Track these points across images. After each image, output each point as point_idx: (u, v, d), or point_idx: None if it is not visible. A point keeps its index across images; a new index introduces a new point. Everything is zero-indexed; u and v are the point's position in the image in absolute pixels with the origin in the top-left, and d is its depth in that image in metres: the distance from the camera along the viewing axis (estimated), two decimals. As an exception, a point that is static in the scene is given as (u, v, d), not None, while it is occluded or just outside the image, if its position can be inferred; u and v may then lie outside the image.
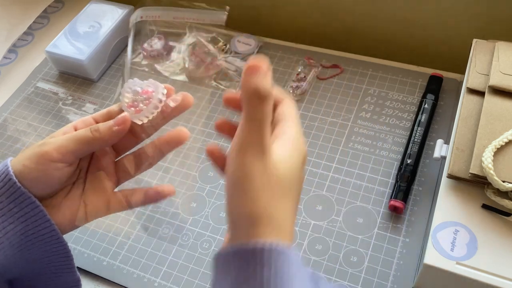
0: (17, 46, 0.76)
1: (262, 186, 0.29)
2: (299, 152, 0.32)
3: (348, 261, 0.48)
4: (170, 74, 0.68)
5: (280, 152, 0.31)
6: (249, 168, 0.29)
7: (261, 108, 0.29)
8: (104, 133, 0.36)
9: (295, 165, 0.31)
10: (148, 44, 0.70)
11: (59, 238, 0.37)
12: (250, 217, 0.29)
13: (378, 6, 0.66)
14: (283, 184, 0.30)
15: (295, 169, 0.31)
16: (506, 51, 0.50)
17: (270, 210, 0.29)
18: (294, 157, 0.31)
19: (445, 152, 0.48)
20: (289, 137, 0.32)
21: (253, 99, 0.29)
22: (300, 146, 0.32)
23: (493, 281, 0.38)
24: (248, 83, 0.30)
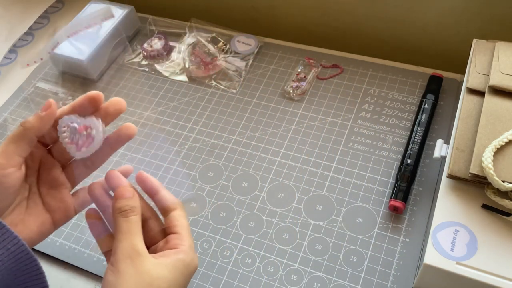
0: (17, 46, 0.76)
1: (134, 286, 0.34)
2: (187, 263, 0.37)
3: (348, 261, 0.48)
4: (170, 74, 0.68)
5: (165, 259, 0.36)
6: (121, 273, 0.34)
7: (125, 223, 0.36)
8: (33, 121, 0.37)
9: (178, 273, 0.36)
10: (148, 44, 0.70)
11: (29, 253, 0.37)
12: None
13: (378, 6, 0.66)
14: (159, 283, 0.34)
15: (178, 276, 0.36)
16: (506, 51, 0.50)
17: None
18: (179, 268, 0.36)
19: (445, 152, 0.48)
20: (179, 250, 0.37)
21: (118, 216, 0.36)
22: (189, 258, 0.37)
23: (493, 281, 0.38)
24: (115, 204, 0.37)
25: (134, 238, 0.35)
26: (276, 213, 0.52)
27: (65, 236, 0.53)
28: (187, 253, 0.37)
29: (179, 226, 0.38)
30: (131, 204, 0.37)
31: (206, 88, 0.66)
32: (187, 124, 0.62)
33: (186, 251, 0.37)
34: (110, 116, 0.41)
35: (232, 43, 0.69)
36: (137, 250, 0.35)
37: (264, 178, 0.55)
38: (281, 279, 0.48)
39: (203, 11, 0.79)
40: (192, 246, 0.38)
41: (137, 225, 0.36)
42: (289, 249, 0.49)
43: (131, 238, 0.35)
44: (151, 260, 0.35)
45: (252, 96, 0.64)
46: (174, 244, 0.37)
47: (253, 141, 0.59)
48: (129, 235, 0.35)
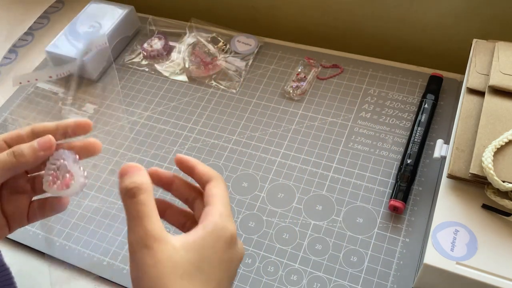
0: (17, 46, 0.76)
1: (156, 278, 0.29)
2: (217, 234, 0.32)
3: (348, 261, 0.48)
4: (170, 74, 0.68)
5: (188, 237, 0.31)
6: (140, 265, 0.30)
7: (134, 205, 0.31)
8: (28, 156, 0.35)
9: (207, 249, 0.31)
10: (148, 44, 0.70)
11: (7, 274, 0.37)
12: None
13: (378, 6, 0.66)
14: (186, 267, 0.30)
15: (207, 251, 0.31)
16: (506, 51, 0.50)
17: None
18: (207, 242, 0.32)
19: (445, 152, 0.48)
20: (207, 223, 0.33)
21: (125, 198, 0.32)
22: (218, 228, 0.32)
23: (493, 281, 0.38)
24: (120, 185, 0.32)
25: (148, 222, 0.31)
26: (276, 213, 0.52)
27: (65, 236, 0.53)
28: (215, 223, 0.32)
29: (211, 196, 0.34)
30: (137, 181, 0.32)
31: (206, 88, 0.66)
32: (187, 124, 0.62)
33: (215, 221, 0.32)
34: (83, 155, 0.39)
35: (232, 43, 0.69)
36: (153, 236, 0.30)
37: (264, 178, 0.55)
38: (281, 279, 0.48)
39: (203, 11, 0.79)
40: (224, 214, 0.33)
41: (149, 206, 0.31)
42: (289, 249, 0.49)
43: (143, 223, 0.31)
44: (172, 243, 0.31)
45: (252, 96, 0.64)
46: (204, 217, 0.33)
47: (253, 141, 0.59)
48: (141, 219, 0.31)
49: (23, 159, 0.34)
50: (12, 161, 0.34)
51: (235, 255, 0.34)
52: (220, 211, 0.33)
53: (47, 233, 0.53)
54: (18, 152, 0.34)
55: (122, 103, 0.65)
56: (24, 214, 0.40)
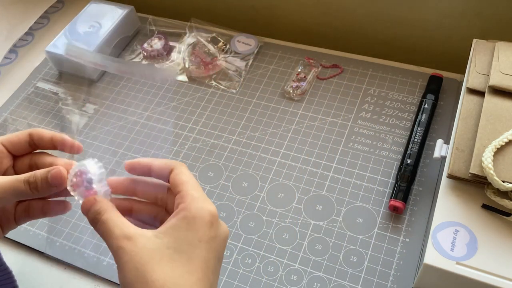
0: (17, 46, 0.76)
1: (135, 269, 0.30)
2: (192, 216, 0.33)
3: (348, 261, 0.48)
4: (170, 74, 0.68)
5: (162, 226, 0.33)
6: (120, 265, 0.31)
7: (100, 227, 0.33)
8: (42, 190, 0.36)
9: (182, 231, 0.32)
10: (148, 44, 0.70)
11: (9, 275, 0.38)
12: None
13: (378, 6, 0.66)
14: (162, 251, 0.31)
15: (183, 233, 0.32)
16: (506, 51, 0.50)
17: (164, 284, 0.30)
18: (181, 225, 0.32)
19: (445, 152, 0.48)
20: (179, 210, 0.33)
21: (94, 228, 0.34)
22: (192, 211, 0.33)
23: (493, 281, 0.38)
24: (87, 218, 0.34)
25: (115, 229, 0.32)
26: (276, 213, 0.52)
27: (65, 236, 0.53)
28: (188, 208, 0.33)
29: (178, 185, 0.35)
30: (95, 210, 0.34)
31: (206, 88, 0.66)
32: (187, 124, 0.62)
33: (187, 206, 0.33)
34: None
35: (232, 43, 0.69)
36: (124, 237, 0.32)
37: (264, 178, 0.55)
38: (281, 279, 0.48)
39: (203, 11, 0.79)
40: (196, 196, 0.34)
41: (112, 220, 0.33)
42: (289, 249, 0.49)
43: (112, 232, 0.32)
44: (146, 235, 0.32)
45: (252, 96, 0.64)
46: (176, 205, 0.34)
47: (253, 141, 0.59)
48: (109, 230, 0.33)
49: (36, 192, 0.35)
50: (26, 191, 0.35)
51: (219, 233, 0.34)
52: (191, 195, 0.34)
53: (47, 233, 0.53)
54: (33, 185, 0.35)
55: (122, 103, 0.66)
56: (11, 218, 0.40)
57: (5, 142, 0.40)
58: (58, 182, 0.35)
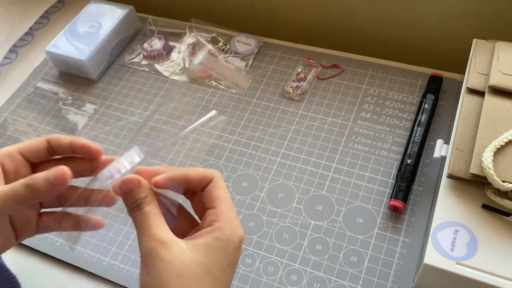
0: (17, 46, 0.76)
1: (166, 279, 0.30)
2: (225, 239, 0.32)
3: (348, 261, 0.48)
4: (170, 74, 0.68)
5: (195, 240, 0.32)
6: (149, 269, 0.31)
7: (139, 217, 0.33)
8: (44, 191, 0.34)
9: (215, 253, 0.32)
10: (148, 44, 0.70)
11: None
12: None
13: (378, 6, 0.66)
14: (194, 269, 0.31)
15: (216, 255, 0.32)
16: (506, 51, 0.50)
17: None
18: (215, 246, 0.32)
19: (445, 152, 0.48)
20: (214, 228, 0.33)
21: (131, 213, 0.33)
22: (226, 233, 0.33)
23: (493, 281, 0.38)
24: (124, 201, 0.34)
25: (154, 228, 0.32)
26: (276, 213, 0.52)
27: (65, 236, 0.53)
28: (223, 229, 0.32)
29: (215, 200, 0.34)
30: (140, 196, 0.33)
31: (206, 88, 0.66)
32: (187, 125, 0.62)
33: (222, 227, 0.33)
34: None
35: (232, 43, 0.69)
36: (160, 240, 0.31)
37: (264, 178, 0.55)
38: (281, 279, 0.48)
39: (203, 11, 0.79)
40: (231, 218, 0.33)
41: (154, 214, 0.33)
42: (289, 249, 0.49)
43: (150, 229, 0.32)
44: (181, 246, 0.31)
45: (252, 96, 0.64)
46: (210, 222, 0.33)
47: (253, 141, 0.59)
48: (148, 226, 0.32)
49: (38, 194, 0.33)
50: (27, 195, 0.33)
51: (238, 258, 0.34)
52: (227, 215, 0.33)
53: (47, 233, 0.53)
54: (33, 187, 0.33)
55: (122, 103, 0.66)
56: (33, 226, 0.40)
57: (23, 150, 0.39)
58: (61, 181, 0.34)
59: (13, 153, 0.38)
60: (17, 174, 0.38)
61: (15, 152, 0.38)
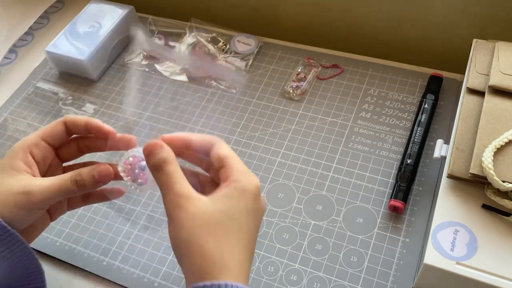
0: (17, 46, 0.76)
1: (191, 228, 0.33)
2: (241, 189, 0.35)
3: (348, 261, 0.48)
4: (170, 74, 0.68)
5: (215, 194, 0.35)
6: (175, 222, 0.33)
7: (162, 176, 0.35)
8: (89, 186, 0.39)
9: (234, 201, 0.34)
10: (148, 44, 0.70)
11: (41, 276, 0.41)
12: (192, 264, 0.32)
13: (378, 6, 0.66)
14: (216, 216, 0.33)
15: (235, 202, 0.34)
16: (506, 51, 0.50)
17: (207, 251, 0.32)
18: (233, 195, 0.34)
19: (445, 152, 0.48)
20: (229, 182, 0.35)
21: (154, 172, 0.36)
22: (241, 182, 0.35)
23: (493, 281, 0.38)
24: (147, 162, 0.36)
25: (177, 186, 0.34)
26: (276, 213, 0.52)
27: (65, 236, 0.53)
28: (237, 180, 0.35)
29: (222, 159, 0.36)
30: (162, 156, 0.36)
31: (206, 88, 0.66)
32: (187, 124, 0.62)
33: (237, 178, 0.35)
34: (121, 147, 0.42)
35: (232, 43, 0.69)
36: (183, 195, 0.34)
37: (264, 178, 0.55)
38: (281, 279, 0.48)
39: (203, 11, 0.79)
40: (242, 171, 0.36)
41: (176, 173, 0.35)
42: (289, 249, 0.49)
43: (174, 187, 0.34)
44: (202, 199, 0.34)
45: (252, 96, 0.64)
46: (224, 178, 0.36)
47: (253, 141, 0.59)
48: (171, 184, 0.34)
49: (84, 189, 0.39)
50: (74, 189, 0.38)
51: (261, 206, 0.36)
52: (238, 169, 0.36)
53: (47, 233, 0.53)
54: (80, 182, 0.38)
55: (122, 103, 0.65)
56: (65, 205, 0.44)
57: (45, 137, 0.41)
58: (105, 178, 0.39)
59: (38, 141, 0.41)
60: (45, 160, 0.41)
61: (38, 139, 0.41)
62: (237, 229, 0.34)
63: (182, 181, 0.35)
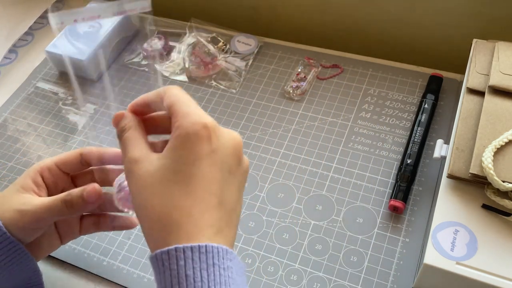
0: (17, 46, 0.76)
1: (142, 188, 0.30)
2: (185, 134, 0.30)
3: (348, 261, 0.48)
4: (170, 74, 0.68)
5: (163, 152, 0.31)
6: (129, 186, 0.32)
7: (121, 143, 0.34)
8: (78, 207, 0.38)
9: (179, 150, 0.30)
10: (148, 44, 0.70)
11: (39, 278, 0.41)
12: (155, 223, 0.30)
13: (378, 6, 0.66)
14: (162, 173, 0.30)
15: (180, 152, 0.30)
16: (506, 51, 0.50)
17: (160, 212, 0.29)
18: (178, 144, 0.30)
19: (445, 152, 0.48)
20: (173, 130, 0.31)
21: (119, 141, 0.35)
22: (184, 127, 0.30)
23: (493, 281, 0.38)
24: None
25: (130, 151, 0.32)
26: (276, 213, 0.52)
27: (65, 236, 0.53)
28: (181, 126, 0.30)
29: (170, 105, 0.32)
30: (121, 125, 0.34)
31: (206, 88, 0.66)
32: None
33: (180, 124, 0.30)
34: None
35: (232, 43, 0.69)
36: (132, 159, 0.31)
37: (264, 178, 0.55)
38: (281, 279, 0.48)
39: (203, 11, 0.79)
40: (187, 112, 0.31)
41: (131, 139, 0.33)
42: (289, 249, 0.49)
43: (127, 153, 0.32)
44: (150, 158, 0.31)
45: (252, 96, 0.64)
46: (173, 126, 0.31)
47: (253, 141, 0.59)
48: (125, 151, 0.33)
49: (72, 210, 0.38)
50: (63, 209, 0.38)
51: (221, 144, 0.31)
52: (182, 112, 0.31)
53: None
54: (69, 202, 0.38)
55: (122, 103, 0.65)
56: (76, 230, 0.44)
57: (59, 163, 0.42)
58: (92, 198, 0.38)
59: (51, 166, 0.42)
60: (56, 185, 0.42)
61: (52, 164, 0.42)
62: (184, 183, 0.29)
63: (135, 145, 0.32)
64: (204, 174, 0.29)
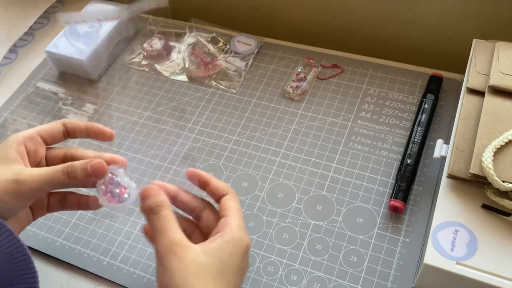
0: (17, 46, 0.76)
1: (184, 277, 0.34)
2: (235, 243, 0.37)
3: (348, 261, 0.48)
4: (170, 74, 0.68)
5: (209, 244, 0.36)
6: (168, 269, 0.34)
7: (158, 220, 0.37)
8: (81, 179, 0.38)
9: (226, 255, 0.36)
10: (148, 44, 0.70)
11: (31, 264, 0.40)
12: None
13: (378, 6, 0.66)
14: (209, 269, 0.35)
15: (227, 257, 0.36)
16: (506, 51, 0.50)
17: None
18: (226, 249, 0.36)
19: (445, 152, 0.48)
20: (225, 232, 0.37)
21: (149, 215, 0.37)
22: (236, 238, 0.37)
23: (493, 281, 0.38)
24: (143, 205, 0.38)
25: (172, 232, 0.36)
26: (276, 213, 0.52)
27: (65, 236, 0.53)
28: (232, 234, 0.37)
29: (228, 209, 0.39)
30: (158, 200, 0.37)
31: (206, 88, 0.66)
32: (187, 124, 0.62)
33: (232, 232, 0.37)
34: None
35: (232, 43, 0.69)
36: (177, 243, 0.35)
37: (264, 178, 0.55)
38: (281, 279, 0.48)
39: (203, 11, 0.79)
40: (239, 226, 0.38)
41: (170, 219, 0.37)
42: (289, 249, 0.50)
43: (168, 233, 0.36)
44: (195, 249, 0.35)
45: (252, 96, 0.64)
46: (222, 227, 0.38)
47: (253, 141, 0.59)
48: (166, 230, 0.36)
49: (75, 181, 0.38)
50: (65, 181, 0.38)
51: (247, 264, 0.38)
52: (237, 223, 0.38)
53: (47, 233, 0.53)
54: (71, 174, 0.38)
55: (122, 103, 0.66)
56: (45, 206, 0.44)
57: (43, 133, 0.42)
58: (97, 173, 0.38)
59: (34, 135, 0.42)
60: (36, 153, 0.42)
61: (35, 134, 0.42)
62: (225, 284, 0.35)
63: (176, 227, 0.36)
64: (236, 283, 0.36)
